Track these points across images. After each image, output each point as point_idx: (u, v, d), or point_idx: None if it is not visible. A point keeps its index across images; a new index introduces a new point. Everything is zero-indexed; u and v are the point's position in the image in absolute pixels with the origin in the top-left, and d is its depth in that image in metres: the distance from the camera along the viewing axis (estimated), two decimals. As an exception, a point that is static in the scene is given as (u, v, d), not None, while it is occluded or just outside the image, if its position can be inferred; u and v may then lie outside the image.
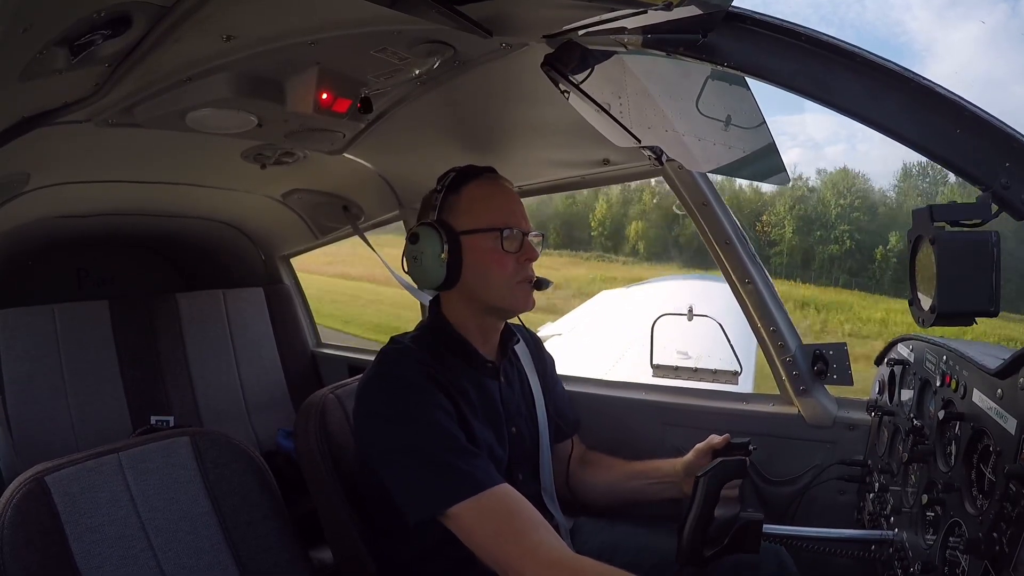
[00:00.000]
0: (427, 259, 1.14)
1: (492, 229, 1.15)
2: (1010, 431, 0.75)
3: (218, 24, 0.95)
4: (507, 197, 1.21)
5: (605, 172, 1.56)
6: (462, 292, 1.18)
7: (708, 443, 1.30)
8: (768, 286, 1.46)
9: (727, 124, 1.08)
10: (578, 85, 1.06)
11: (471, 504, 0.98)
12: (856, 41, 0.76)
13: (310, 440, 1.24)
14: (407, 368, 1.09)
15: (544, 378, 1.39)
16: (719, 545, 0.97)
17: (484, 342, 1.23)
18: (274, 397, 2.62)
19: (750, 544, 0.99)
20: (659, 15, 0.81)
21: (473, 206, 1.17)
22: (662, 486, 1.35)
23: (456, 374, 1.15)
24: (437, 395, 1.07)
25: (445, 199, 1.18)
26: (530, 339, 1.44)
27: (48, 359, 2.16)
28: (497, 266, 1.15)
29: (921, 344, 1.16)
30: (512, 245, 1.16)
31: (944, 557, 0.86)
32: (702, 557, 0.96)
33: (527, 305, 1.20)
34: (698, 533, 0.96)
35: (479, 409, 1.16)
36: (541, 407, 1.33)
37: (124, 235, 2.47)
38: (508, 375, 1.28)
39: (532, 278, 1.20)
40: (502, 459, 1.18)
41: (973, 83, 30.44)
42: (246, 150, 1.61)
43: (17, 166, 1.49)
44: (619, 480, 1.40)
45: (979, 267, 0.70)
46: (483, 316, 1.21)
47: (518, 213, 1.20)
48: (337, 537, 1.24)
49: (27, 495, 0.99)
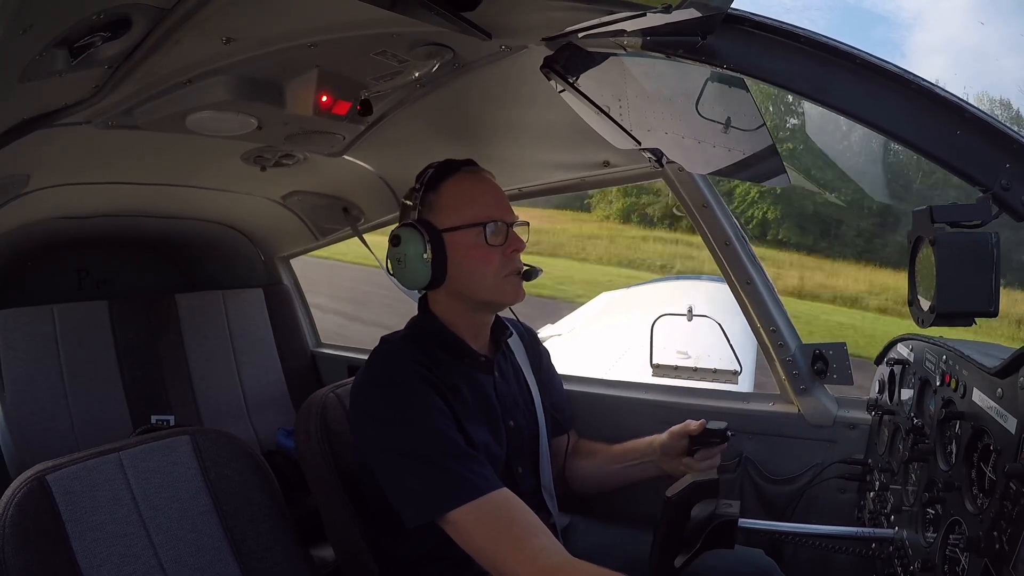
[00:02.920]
0: (410, 260, 1.13)
1: (475, 224, 1.13)
2: (1010, 430, 0.75)
3: (218, 26, 0.95)
4: (488, 189, 1.19)
5: (605, 174, 1.56)
6: (449, 289, 1.17)
7: (684, 427, 1.29)
8: (768, 287, 1.46)
9: (727, 126, 1.08)
10: (578, 87, 1.06)
11: (469, 509, 0.97)
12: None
13: (311, 439, 1.25)
14: (400, 369, 1.09)
15: (539, 371, 1.39)
16: (693, 548, 0.97)
17: (475, 337, 1.22)
18: (274, 397, 2.62)
19: (725, 541, 0.98)
20: (658, 17, 0.81)
21: (453, 202, 1.15)
22: (642, 466, 1.36)
23: (449, 371, 1.14)
24: (431, 395, 1.07)
25: (425, 197, 1.16)
26: (524, 332, 1.43)
27: (48, 359, 2.16)
28: (483, 262, 1.14)
29: (921, 344, 1.16)
30: (497, 239, 1.14)
31: (944, 555, 0.86)
32: (673, 569, 0.96)
33: (517, 297, 1.18)
34: (666, 552, 0.96)
35: (473, 406, 1.15)
36: (538, 400, 1.32)
37: (124, 236, 2.47)
38: (502, 369, 1.27)
39: (520, 269, 1.18)
40: (500, 455, 1.17)
41: (962, 53, 30.16)
42: (246, 152, 1.61)
43: (17, 168, 1.49)
44: (602, 464, 1.40)
45: (979, 268, 0.70)
46: (472, 312, 1.20)
47: (501, 205, 1.17)
48: (338, 536, 1.24)
49: (28, 494, 0.99)
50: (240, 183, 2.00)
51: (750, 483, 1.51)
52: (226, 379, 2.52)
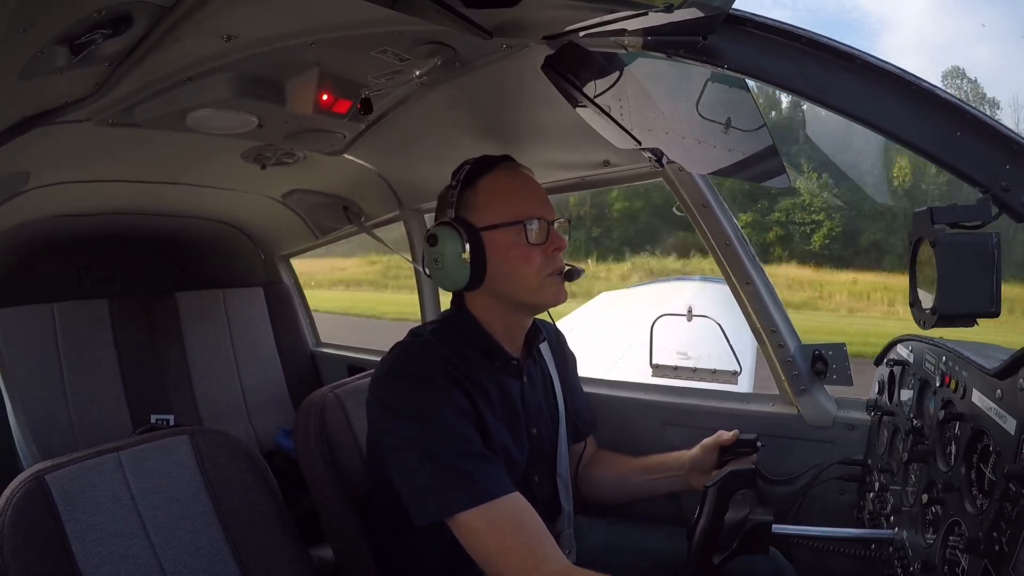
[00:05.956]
0: (448, 261, 1.08)
1: (514, 223, 1.09)
2: (1009, 431, 0.75)
3: (218, 24, 0.95)
4: (527, 186, 1.15)
5: (605, 174, 1.56)
6: (488, 290, 1.12)
7: (716, 439, 1.27)
8: (768, 287, 1.46)
9: (727, 126, 1.08)
10: (578, 87, 1.06)
11: (479, 512, 0.96)
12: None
13: (310, 439, 1.24)
14: (426, 363, 1.05)
15: (565, 376, 1.36)
16: (728, 550, 0.97)
17: (510, 340, 1.18)
18: (274, 396, 2.62)
19: (759, 546, 0.98)
20: (660, 17, 0.81)
21: (491, 199, 1.11)
22: (668, 480, 1.34)
23: (477, 372, 1.11)
24: (455, 393, 1.03)
25: (461, 195, 1.12)
26: (553, 335, 1.39)
27: (48, 358, 2.17)
28: (523, 261, 1.09)
29: (920, 344, 1.16)
30: (537, 237, 1.09)
31: (944, 556, 0.86)
32: (712, 566, 0.96)
33: (559, 298, 1.13)
34: (707, 543, 0.96)
35: (498, 409, 1.12)
36: (562, 409, 1.29)
37: (124, 234, 2.47)
38: (531, 375, 1.24)
39: (562, 269, 1.13)
40: (520, 462, 1.15)
41: (936, 48, 30.65)
42: (246, 150, 1.61)
43: (17, 165, 1.49)
44: (625, 475, 1.39)
45: (980, 268, 0.70)
46: (512, 313, 1.16)
47: (540, 202, 1.13)
48: (337, 536, 1.24)
49: (27, 494, 0.98)
50: (240, 181, 2.00)
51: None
52: (226, 378, 2.53)
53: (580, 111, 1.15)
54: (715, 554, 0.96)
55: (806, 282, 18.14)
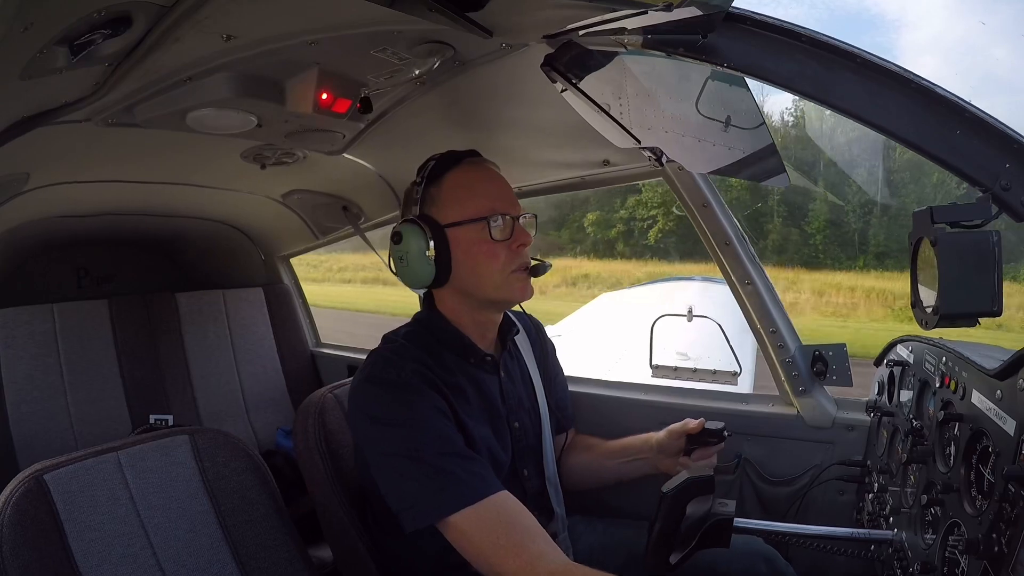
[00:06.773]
0: (413, 258, 1.08)
1: (478, 219, 1.09)
2: (1009, 432, 0.75)
3: (218, 24, 0.95)
4: (492, 181, 1.14)
5: (605, 173, 1.56)
6: (454, 287, 1.13)
7: (683, 426, 1.28)
8: (768, 287, 1.46)
9: (727, 125, 1.07)
10: (578, 85, 1.06)
11: (468, 513, 0.95)
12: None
13: (309, 439, 1.24)
14: (401, 368, 1.05)
15: (545, 366, 1.36)
16: (688, 546, 0.96)
17: (482, 336, 1.19)
18: (273, 396, 2.62)
19: (721, 540, 0.98)
20: (659, 16, 0.81)
21: (456, 195, 1.10)
22: (636, 463, 1.35)
23: (453, 372, 1.11)
24: (433, 396, 1.04)
25: (426, 191, 1.12)
26: (530, 325, 1.40)
27: (48, 358, 2.16)
28: (488, 258, 1.09)
29: (920, 345, 1.16)
30: (501, 233, 1.09)
31: (943, 557, 0.86)
32: (669, 565, 0.96)
33: (525, 294, 1.14)
34: (661, 547, 0.95)
35: (477, 407, 1.13)
36: (543, 398, 1.30)
37: (124, 235, 2.47)
38: (508, 368, 1.24)
39: (527, 265, 1.13)
40: (504, 458, 1.16)
41: (952, 48, 30.10)
42: (246, 150, 1.61)
43: (17, 166, 1.49)
44: (597, 459, 1.40)
45: (981, 267, 0.70)
46: (480, 310, 1.16)
47: (505, 197, 1.13)
48: (336, 536, 1.24)
49: (26, 493, 0.98)
50: (240, 181, 2.00)
51: (749, 484, 1.51)
52: (225, 378, 2.53)
53: (579, 110, 1.15)
54: (673, 553, 0.96)
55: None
